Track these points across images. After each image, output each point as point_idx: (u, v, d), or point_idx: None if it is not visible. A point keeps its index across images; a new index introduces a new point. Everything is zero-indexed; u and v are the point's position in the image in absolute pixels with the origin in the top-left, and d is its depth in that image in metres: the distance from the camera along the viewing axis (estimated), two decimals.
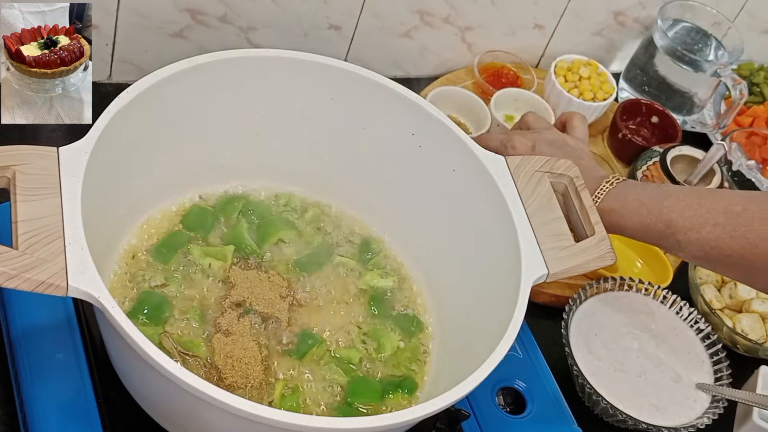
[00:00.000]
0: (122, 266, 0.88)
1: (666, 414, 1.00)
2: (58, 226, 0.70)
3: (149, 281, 0.87)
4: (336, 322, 0.91)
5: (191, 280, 0.89)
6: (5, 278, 0.67)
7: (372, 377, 0.88)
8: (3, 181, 0.73)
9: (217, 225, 0.94)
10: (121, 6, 1.07)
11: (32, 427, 0.78)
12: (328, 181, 0.99)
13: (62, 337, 0.83)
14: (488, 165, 0.89)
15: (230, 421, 0.71)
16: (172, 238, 0.92)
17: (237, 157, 0.96)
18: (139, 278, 0.88)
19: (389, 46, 1.26)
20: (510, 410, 0.94)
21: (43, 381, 0.80)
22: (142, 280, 0.87)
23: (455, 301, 0.93)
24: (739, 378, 1.08)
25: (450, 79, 1.32)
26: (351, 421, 0.71)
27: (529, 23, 1.34)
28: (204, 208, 0.95)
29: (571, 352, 1.01)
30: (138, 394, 0.81)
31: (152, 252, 0.90)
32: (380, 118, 0.94)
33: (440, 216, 0.95)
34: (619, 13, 1.39)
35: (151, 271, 0.88)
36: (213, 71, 0.87)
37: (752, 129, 1.38)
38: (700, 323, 1.08)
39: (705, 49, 1.39)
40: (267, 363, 0.85)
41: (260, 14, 1.14)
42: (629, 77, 1.42)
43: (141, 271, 0.88)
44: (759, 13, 1.48)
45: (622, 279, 1.08)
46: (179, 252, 0.91)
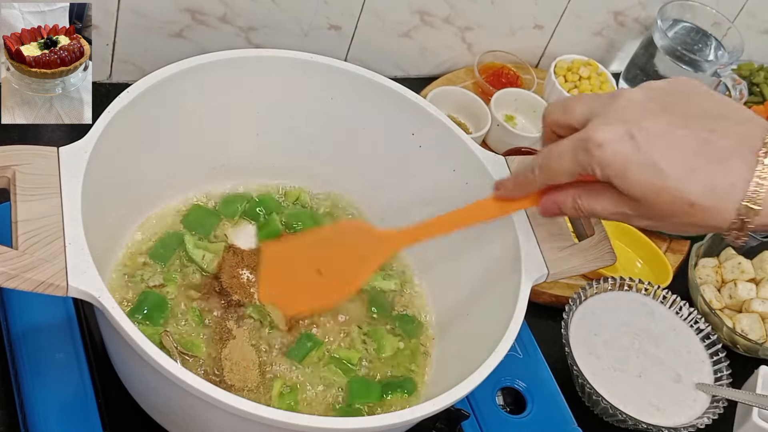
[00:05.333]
0: (122, 266, 0.88)
1: (666, 414, 1.00)
2: (58, 226, 0.70)
3: (147, 281, 0.87)
4: (336, 322, 0.91)
5: (190, 281, 0.89)
6: (5, 278, 0.67)
7: (372, 378, 0.88)
8: (3, 181, 0.73)
9: (218, 225, 0.94)
10: (121, 6, 1.07)
11: (32, 427, 0.78)
12: (328, 181, 0.99)
13: (62, 337, 0.83)
14: (488, 165, 0.89)
15: (230, 421, 0.71)
16: (170, 238, 0.92)
17: (237, 157, 0.96)
18: (137, 278, 0.88)
19: (389, 46, 1.26)
20: (510, 410, 0.94)
21: (43, 381, 0.80)
22: (141, 281, 0.87)
23: (455, 301, 0.93)
24: (739, 378, 1.08)
25: (450, 79, 1.32)
26: (351, 421, 0.71)
27: (529, 23, 1.34)
28: (205, 208, 0.95)
29: (571, 352, 1.01)
30: (138, 394, 0.81)
31: (151, 253, 0.90)
32: (380, 118, 0.94)
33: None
34: (619, 13, 1.39)
35: (150, 271, 0.88)
36: (213, 71, 0.87)
37: None
38: (700, 323, 1.08)
39: (705, 49, 1.39)
40: (265, 366, 0.85)
41: (260, 14, 1.14)
42: (629, 77, 1.42)
43: (139, 271, 0.88)
44: (759, 13, 1.48)
45: (622, 279, 1.08)
46: (177, 252, 0.91)
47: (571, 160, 0.67)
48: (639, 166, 0.64)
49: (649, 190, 0.65)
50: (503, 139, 1.23)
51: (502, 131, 1.23)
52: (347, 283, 0.83)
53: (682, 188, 0.64)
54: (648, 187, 0.65)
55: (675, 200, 0.64)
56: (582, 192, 0.70)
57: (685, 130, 0.65)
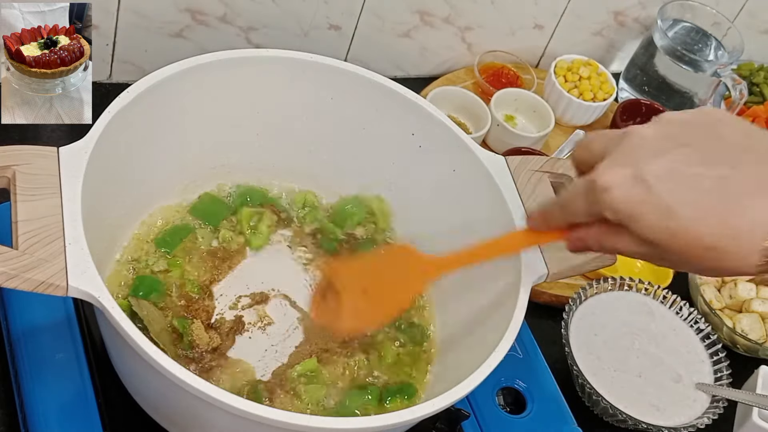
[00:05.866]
0: (122, 266, 0.88)
1: (666, 414, 1.00)
2: (58, 226, 0.70)
3: (152, 267, 0.88)
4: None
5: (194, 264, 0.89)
6: (5, 278, 0.67)
7: (372, 384, 0.88)
8: (3, 181, 0.73)
9: (228, 215, 0.94)
10: (121, 6, 1.07)
11: (32, 427, 0.78)
12: (328, 181, 0.99)
13: (62, 337, 0.83)
14: (488, 165, 0.89)
15: (230, 421, 0.71)
16: (178, 228, 0.92)
17: (236, 157, 0.96)
18: (142, 263, 0.88)
19: (389, 46, 1.26)
20: (510, 410, 0.94)
21: (43, 381, 0.80)
22: (145, 266, 0.87)
23: (455, 301, 0.93)
24: (739, 378, 1.08)
25: (450, 79, 1.32)
26: (351, 421, 0.71)
27: (529, 23, 1.34)
28: (217, 198, 0.95)
29: (571, 352, 1.01)
30: (138, 394, 0.81)
31: (157, 240, 0.90)
32: (380, 118, 0.94)
33: (440, 216, 0.95)
34: (619, 13, 1.39)
35: (155, 257, 0.88)
36: (213, 71, 0.87)
37: None
38: (700, 323, 1.08)
39: (705, 49, 1.39)
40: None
41: (260, 14, 1.14)
42: (629, 77, 1.42)
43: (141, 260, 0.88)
44: (759, 13, 1.48)
45: (622, 279, 1.08)
46: (185, 241, 0.91)
47: (584, 202, 0.66)
48: (649, 209, 0.62)
49: (663, 234, 0.62)
50: (503, 139, 1.23)
51: (502, 131, 1.23)
52: (391, 305, 0.82)
53: (697, 230, 0.61)
54: (661, 231, 0.62)
55: (690, 243, 0.61)
56: (606, 231, 0.67)
57: (701, 167, 0.61)
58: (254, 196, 0.96)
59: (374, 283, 0.81)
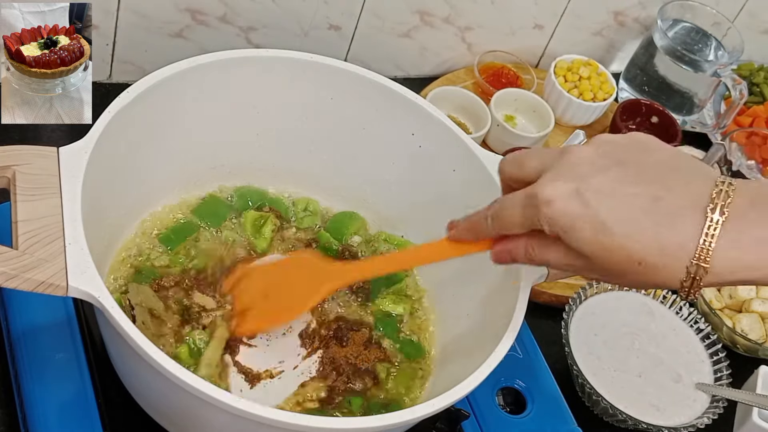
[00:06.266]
0: (122, 266, 0.88)
1: (666, 414, 1.00)
2: (58, 226, 0.70)
3: (153, 261, 0.88)
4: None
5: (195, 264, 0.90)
6: (5, 278, 0.67)
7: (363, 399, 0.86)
8: (3, 181, 0.73)
9: (230, 217, 0.94)
10: (121, 6, 1.07)
11: (32, 427, 0.78)
12: (328, 181, 0.99)
13: (62, 337, 0.83)
14: (488, 165, 0.89)
15: (230, 421, 0.71)
16: (183, 227, 0.92)
17: (236, 157, 0.96)
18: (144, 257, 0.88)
19: (389, 46, 1.26)
20: (510, 410, 0.94)
21: (43, 381, 0.80)
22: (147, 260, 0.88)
23: (455, 301, 0.93)
24: (739, 378, 1.08)
25: (450, 79, 1.32)
26: (351, 421, 0.71)
27: (529, 23, 1.34)
28: (219, 199, 0.95)
29: (571, 352, 1.01)
30: (138, 394, 0.81)
31: (161, 237, 0.90)
32: (380, 118, 0.94)
33: (440, 216, 0.94)
34: (619, 13, 1.39)
35: (157, 252, 0.89)
36: (213, 71, 0.87)
37: (752, 129, 1.38)
38: (700, 323, 1.08)
39: (705, 49, 1.39)
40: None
41: (260, 14, 1.14)
42: (629, 77, 1.42)
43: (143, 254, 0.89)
44: (759, 13, 1.48)
45: None
46: (188, 239, 0.91)
47: (521, 214, 0.68)
48: (587, 224, 0.64)
49: (597, 248, 0.64)
50: (503, 139, 1.24)
51: (502, 131, 1.23)
52: (290, 309, 0.84)
53: (630, 246, 0.64)
54: (596, 245, 0.64)
55: (623, 259, 0.64)
56: (535, 242, 0.69)
57: (637, 187, 0.64)
58: (255, 198, 0.96)
59: (275, 288, 0.84)
